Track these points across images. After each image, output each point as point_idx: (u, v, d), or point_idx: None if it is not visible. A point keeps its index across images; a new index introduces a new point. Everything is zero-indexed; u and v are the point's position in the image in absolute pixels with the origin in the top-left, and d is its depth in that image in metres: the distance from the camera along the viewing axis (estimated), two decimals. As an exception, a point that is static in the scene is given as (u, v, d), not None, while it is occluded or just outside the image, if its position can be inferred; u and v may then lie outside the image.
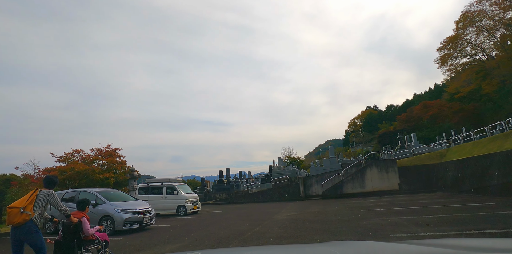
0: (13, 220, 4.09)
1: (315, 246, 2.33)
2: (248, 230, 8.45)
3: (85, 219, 4.68)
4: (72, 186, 15.21)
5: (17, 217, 4.09)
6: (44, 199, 4.39)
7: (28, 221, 4.13)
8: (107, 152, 17.05)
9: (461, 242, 1.88)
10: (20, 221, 4.09)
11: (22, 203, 4.19)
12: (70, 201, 10.21)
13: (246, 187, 31.67)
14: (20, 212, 4.09)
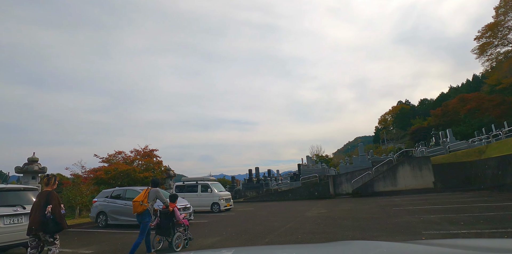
0: (137, 210, 5.98)
1: (322, 245, 2.34)
2: (281, 226, 8.89)
3: (176, 209, 6.51)
4: (115, 185, 16.53)
5: (139, 207, 5.94)
6: (153, 194, 6.24)
7: (145, 210, 6.00)
8: (145, 153, 18.28)
9: (470, 242, 1.88)
10: (141, 210, 5.95)
11: (141, 198, 6.02)
12: (116, 198, 11.25)
13: (275, 185, 32.11)
14: (140, 204, 5.94)
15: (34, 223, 4.52)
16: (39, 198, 4.72)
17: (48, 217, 4.52)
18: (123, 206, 10.68)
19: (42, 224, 4.49)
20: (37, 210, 4.57)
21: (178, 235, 6.42)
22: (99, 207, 11.42)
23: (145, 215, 6.02)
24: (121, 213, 10.66)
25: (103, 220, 11.15)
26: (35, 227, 4.51)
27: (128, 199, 10.80)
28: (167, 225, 6.28)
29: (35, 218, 4.52)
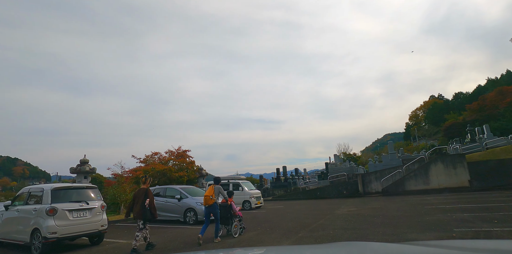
0: (208, 202, 7.32)
1: (318, 247, 2.31)
2: (312, 222, 9.30)
3: (233, 203, 8.01)
4: (152, 184, 17.72)
5: (210, 200, 7.31)
6: (217, 190, 7.56)
7: (214, 203, 7.35)
8: (178, 154, 19.38)
9: (468, 244, 1.88)
10: (211, 203, 7.31)
11: (210, 193, 7.39)
12: (157, 196, 12.21)
13: (303, 184, 32.32)
14: (210, 198, 7.30)
15: (135, 212, 6.44)
16: (139, 194, 6.48)
17: (146, 208, 6.24)
18: (164, 203, 11.61)
19: (141, 214, 6.32)
20: (138, 203, 6.29)
21: (235, 224, 7.82)
22: (142, 204, 12.45)
23: (214, 206, 7.41)
24: (162, 209, 11.59)
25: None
26: (136, 215, 6.39)
27: (168, 196, 11.73)
28: (226, 216, 7.74)
29: (136, 209, 6.29)
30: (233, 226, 7.76)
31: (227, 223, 7.80)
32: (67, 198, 7.00)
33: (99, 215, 7.40)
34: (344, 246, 2.07)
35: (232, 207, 7.86)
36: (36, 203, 6.95)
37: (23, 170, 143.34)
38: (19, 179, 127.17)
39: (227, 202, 7.81)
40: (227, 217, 7.75)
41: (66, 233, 6.65)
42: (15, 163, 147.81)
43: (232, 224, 7.79)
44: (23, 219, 6.97)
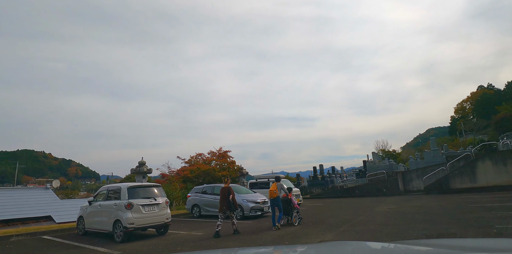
0: (272, 196, 9.07)
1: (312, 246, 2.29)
2: (352, 218, 9.82)
3: (293, 197, 9.65)
4: (198, 182, 19.17)
5: (274, 194, 9.05)
6: (279, 186, 9.30)
7: (277, 196, 9.07)
8: (220, 154, 20.70)
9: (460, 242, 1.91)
10: (275, 196, 9.04)
11: (274, 188, 9.12)
12: (206, 193, 13.43)
13: (341, 182, 32.27)
14: (274, 192, 9.05)
15: (223, 205, 8.34)
16: (224, 191, 8.37)
17: (230, 202, 8.20)
18: (213, 200, 12.77)
19: (228, 206, 8.29)
20: (224, 198, 8.21)
21: (294, 215, 9.35)
22: (192, 201, 13.78)
23: (277, 199, 9.13)
24: (211, 205, 12.77)
25: (197, 211, 13.44)
26: (225, 207, 8.30)
27: (216, 194, 12.85)
28: (287, 207, 9.34)
29: (223, 202, 8.23)
30: (293, 216, 9.33)
31: (288, 213, 9.39)
32: (139, 195, 8.31)
33: (164, 209, 8.63)
34: (338, 246, 2.04)
35: (292, 200, 9.47)
36: (115, 199, 8.35)
37: (76, 170, 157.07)
38: (73, 178, 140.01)
39: (288, 196, 9.41)
40: (288, 208, 9.36)
41: (140, 224, 7.94)
42: (69, 164, 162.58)
43: (292, 214, 9.36)
44: (106, 212, 8.42)
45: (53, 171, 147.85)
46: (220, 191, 8.70)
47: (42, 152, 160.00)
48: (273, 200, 9.17)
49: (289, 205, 9.41)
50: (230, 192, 8.43)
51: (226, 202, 8.28)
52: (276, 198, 9.12)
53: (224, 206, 8.31)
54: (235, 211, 8.68)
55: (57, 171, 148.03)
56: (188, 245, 7.08)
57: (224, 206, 8.32)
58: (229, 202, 8.29)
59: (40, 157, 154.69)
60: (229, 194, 8.38)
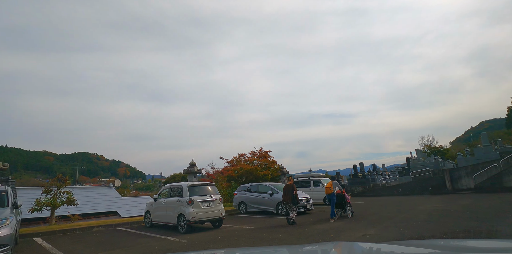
0: (328, 192, 10.57)
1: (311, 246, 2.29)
2: (394, 216, 10.14)
3: (345, 192, 11.00)
4: (241, 181, 20.34)
5: (329, 190, 10.50)
6: (334, 184, 10.71)
7: (332, 192, 10.46)
8: (261, 154, 21.71)
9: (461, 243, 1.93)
10: (330, 192, 10.48)
11: (329, 185, 10.60)
12: (251, 191, 14.45)
13: (382, 180, 31.65)
14: (330, 189, 10.46)
15: (287, 199, 9.89)
16: (288, 188, 10.12)
17: (294, 196, 9.90)
18: (258, 197, 13.76)
19: (291, 199, 9.80)
20: (289, 193, 9.68)
21: (348, 208, 10.72)
22: (239, 198, 14.89)
23: (332, 195, 10.49)
24: (257, 202, 13.77)
25: (243, 208, 14.52)
26: (288, 201, 9.83)
27: (261, 192, 13.83)
28: (341, 202, 10.68)
29: (287, 196, 9.92)
30: (347, 209, 10.72)
31: (342, 207, 10.74)
32: (198, 192, 9.52)
33: (219, 205, 9.76)
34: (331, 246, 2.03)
35: (345, 196, 10.92)
36: (178, 196, 9.65)
37: (125, 170, 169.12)
38: (122, 178, 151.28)
39: (341, 192, 10.75)
40: (342, 203, 10.71)
41: (200, 218, 9.13)
42: (118, 165, 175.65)
43: (345, 208, 10.72)
44: (170, 208, 9.76)
45: (105, 171, 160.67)
46: (284, 188, 10.37)
47: (95, 154, 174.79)
48: (329, 195, 10.73)
49: (343, 200, 10.75)
50: (293, 188, 10.07)
51: (290, 196, 9.92)
52: (331, 193, 10.52)
53: (288, 199, 9.92)
54: (297, 204, 10.20)
55: (108, 171, 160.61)
56: (243, 236, 8.07)
57: (287, 199, 9.93)
58: (293, 196, 9.91)
59: (93, 159, 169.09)
60: (293, 190, 9.99)
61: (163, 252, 6.52)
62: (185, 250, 6.75)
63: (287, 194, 10.05)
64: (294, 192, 10.00)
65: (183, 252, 5.80)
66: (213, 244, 7.17)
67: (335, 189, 10.69)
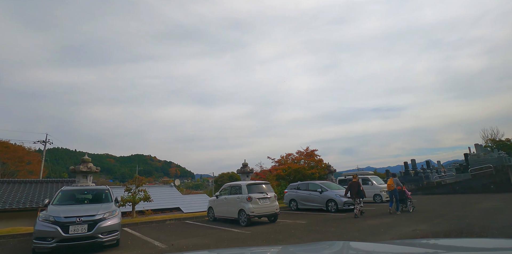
0: (390, 188, 11.96)
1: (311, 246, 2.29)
2: (447, 213, 10.22)
3: (406, 188, 12.06)
4: (289, 180, 21.20)
5: (391, 187, 11.93)
6: (395, 181, 12.08)
7: (394, 188, 11.79)
8: (307, 153, 22.33)
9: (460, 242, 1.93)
10: (392, 188, 11.85)
11: (391, 182, 12.03)
12: (301, 189, 15.26)
13: (437, 178, 30.10)
14: (391, 186, 11.92)
15: (354, 193, 11.38)
16: (354, 184, 11.59)
17: (361, 191, 11.38)
18: (308, 195, 14.54)
19: (358, 194, 11.28)
20: (355, 189, 11.41)
21: (409, 203, 11.83)
22: (289, 196, 15.81)
23: (394, 191, 11.77)
24: (307, 200, 14.56)
25: (294, 205, 15.41)
26: (355, 195, 11.30)
27: (311, 190, 14.58)
28: (402, 197, 11.81)
29: (354, 191, 11.42)
30: (409, 204, 11.77)
31: (403, 202, 11.86)
32: (255, 190, 10.67)
33: (274, 202, 10.80)
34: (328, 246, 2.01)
35: (406, 192, 11.92)
36: (237, 193, 10.90)
37: (175, 170, 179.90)
38: (173, 177, 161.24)
39: (402, 188, 11.81)
40: (403, 198, 11.81)
41: (258, 213, 10.26)
42: (170, 165, 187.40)
43: (406, 203, 11.80)
44: (231, 204, 11.05)
45: (158, 171, 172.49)
46: (349, 184, 11.89)
47: (149, 156, 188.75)
48: (390, 192, 11.96)
49: (404, 195, 11.82)
50: (359, 185, 11.63)
51: (356, 191, 11.46)
52: (393, 190, 11.80)
53: (354, 194, 11.48)
54: (363, 198, 11.58)
55: (161, 171, 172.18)
56: (298, 229, 8.99)
57: (354, 194, 11.47)
58: (360, 191, 11.47)
59: (148, 160, 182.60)
60: (359, 186, 11.55)
61: (232, 240, 7.72)
62: (249, 239, 7.86)
63: (354, 189, 11.54)
64: (361, 188, 11.59)
65: (183, 252, 5.86)
66: (273, 235, 8.20)
67: (396, 186, 11.83)
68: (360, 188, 11.58)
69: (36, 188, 17.76)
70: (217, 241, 7.70)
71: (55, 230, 6.31)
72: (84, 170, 11.46)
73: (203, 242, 7.61)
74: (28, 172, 36.68)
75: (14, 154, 35.41)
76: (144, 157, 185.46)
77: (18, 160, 35.74)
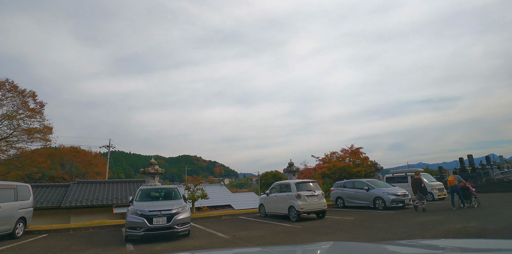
0: (451, 184, 12.25)
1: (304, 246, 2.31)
2: (504, 212, 9.94)
3: (469, 185, 12.42)
4: (335, 178, 21.46)
5: (452, 183, 12.28)
6: (457, 178, 12.48)
7: (455, 185, 12.19)
8: (352, 151, 22.34)
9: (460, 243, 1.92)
10: (453, 185, 12.19)
11: (452, 179, 12.34)
12: (347, 187, 15.59)
13: (499, 174, 27.82)
14: (452, 182, 12.27)
15: (416, 189, 12.31)
16: (416, 180, 12.62)
17: (423, 188, 12.30)
18: (355, 193, 14.86)
19: (421, 190, 12.16)
20: (417, 185, 12.42)
21: (473, 199, 12.09)
22: (336, 194, 16.23)
23: (455, 187, 12.08)
24: (354, 197, 14.88)
25: (341, 202, 15.80)
26: (418, 190, 12.17)
27: (357, 188, 14.87)
28: (466, 193, 12.17)
29: (416, 187, 12.36)
30: (473, 200, 12.05)
31: (468, 198, 12.14)
32: (303, 188, 11.43)
33: (322, 199, 11.45)
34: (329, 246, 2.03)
35: (470, 188, 12.26)
36: (287, 191, 11.76)
37: (220, 170, 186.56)
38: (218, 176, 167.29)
39: (465, 184, 12.18)
40: (467, 194, 12.14)
41: (307, 209, 11.01)
42: (214, 165, 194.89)
43: (471, 199, 12.06)
44: (281, 201, 11.94)
45: (204, 171, 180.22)
46: (412, 180, 12.99)
47: (195, 156, 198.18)
48: (451, 188, 12.29)
49: (468, 192, 12.12)
50: (421, 181, 12.56)
51: (419, 187, 12.33)
52: (454, 186, 12.12)
53: (418, 190, 12.29)
54: (426, 194, 12.45)
55: (206, 171, 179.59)
56: (346, 224, 9.56)
57: (417, 190, 12.28)
58: (422, 187, 12.30)
59: (194, 160, 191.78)
60: (421, 183, 12.46)
61: (285, 233, 8.58)
62: (301, 232, 8.64)
63: (416, 186, 12.44)
64: (422, 185, 12.35)
65: (183, 252, 5.93)
66: (322, 229, 8.90)
67: (458, 182, 12.22)
68: (422, 184, 12.35)
69: (108, 188, 20.46)
70: (272, 233, 8.63)
71: (142, 221, 7.77)
72: (152, 171, 13.21)
73: (260, 234, 8.60)
74: (95, 173, 41.53)
75: (84, 158, 40.30)
76: (190, 157, 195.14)
77: (87, 163, 40.67)
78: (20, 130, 25.36)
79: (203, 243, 7.58)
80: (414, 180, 12.89)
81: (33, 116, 25.57)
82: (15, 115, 24.84)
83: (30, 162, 27.44)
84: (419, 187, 12.33)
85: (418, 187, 12.38)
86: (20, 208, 9.83)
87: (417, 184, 12.50)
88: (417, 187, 12.39)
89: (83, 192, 19.06)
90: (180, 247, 7.26)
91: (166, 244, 7.65)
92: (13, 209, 9.48)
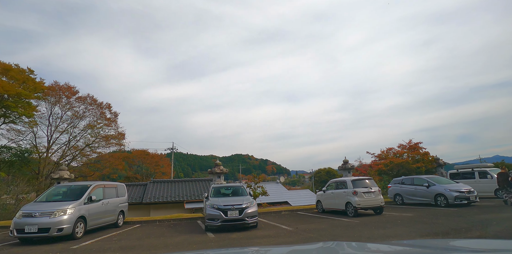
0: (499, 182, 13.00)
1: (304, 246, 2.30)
2: None
3: None
4: (392, 174, 21.07)
5: None
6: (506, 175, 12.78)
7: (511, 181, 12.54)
8: (411, 146, 21.65)
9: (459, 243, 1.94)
10: None
11: None
12: (405, 184, 15.44)
13: None
14: None
15: (504, 184, 12.49)
16: (502, 175, 12.78)
17: (510, 182, 12.31)
18: (414, 189, 14.72)
19: (508, 185, 12.27)
20: (503, 179, 12.57)
21: None
22: (393, 191, 16.17)
23: None
24: (413, 194, 14.75)
25: (399, 199, 15.72)
26: (505, 184, 12.37)
27: (416, 184, 14.71)
28: None
29: (503, 182, 12.57)
30: None
31: None
32: (359, 185, 11.95)
33: (379, 195, 11.83)
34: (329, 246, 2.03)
35: None
36: (343, 188, 12.38)
37: (272, 167, 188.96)
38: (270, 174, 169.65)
39: None
40: None
41: (364, 205, 11.52)
42: (266, 163, 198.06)
43: None
44: (338, 197, 12.60)
45: (256, 169, 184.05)
46: (498, 174, 13.14)
47: (247, 155, 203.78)
48: None
49: None
50: (508, 175, 12.67)
51: (506, 182, 12.55)
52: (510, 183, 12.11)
53: (505, 184, 12.52)
54: None
55: (258, 169, 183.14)
56: (405, 220, 9.89)
57: (505, 184, 12.50)
58: (509, 182, 12.48)
59: (246, 159, 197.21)
60: (507, 177, 12.57)
61: (344, 227, 9.30)
62: (359, 226, 9.26)
63: (502, 180, 12.65)
64: (510, 178, 12.46)
65: (183, 252, 5.99)
66: (380, 224, 9.41)
67: None
68: (509, 178, 12.50)
69: (178, 186, 23.08)
70: (331, 226, 9.44)
71: (219, 214, 9.25)
72: (218, 171, 14.89)
73: (320, 227, 9.49)
74: (161, 173, 46.19)
75: (152, 160, 45.05)
76: (243, 156, 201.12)
77: (154, 164, 45.44)
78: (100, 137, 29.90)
79: (271, 233, 8.75)
80: (500, 174, 13.00)
81: (109, 125, 30.01)
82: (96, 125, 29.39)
83: (108, 164, 32.10)
84: (506, 181, 12.37)
85: (505, 181, 12.44)
86: (120, 203, 12.16)
87: (504, 178, 12.56)
88: (504, 181, 12.46)
89: (159, 190, 21.87)
90: (252, 236, 8.52)
91: (239, 233, 9.00)
92: (116, 204, 11.80)
